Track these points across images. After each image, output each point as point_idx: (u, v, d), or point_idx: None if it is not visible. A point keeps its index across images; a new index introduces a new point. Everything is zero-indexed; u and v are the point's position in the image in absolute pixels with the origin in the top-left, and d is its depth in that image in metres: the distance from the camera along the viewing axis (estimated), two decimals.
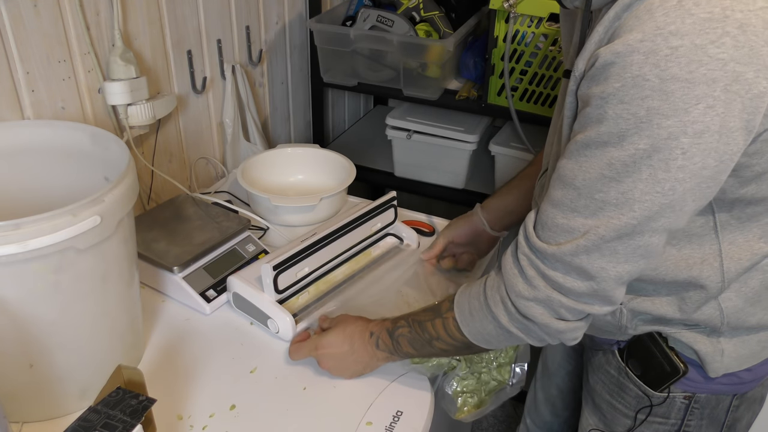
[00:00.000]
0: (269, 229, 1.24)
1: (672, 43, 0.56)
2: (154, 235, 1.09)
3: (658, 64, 0.56)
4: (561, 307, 0.71)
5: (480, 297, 0.79)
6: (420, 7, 1.52)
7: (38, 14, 0.97)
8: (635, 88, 0.58)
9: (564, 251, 0.68)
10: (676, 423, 0.87)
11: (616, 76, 0.59)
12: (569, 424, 1.24)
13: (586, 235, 0.66)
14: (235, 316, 1.04)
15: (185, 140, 1.36)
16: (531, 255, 0.72)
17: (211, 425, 0.85)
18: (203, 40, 1.33)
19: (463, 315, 0.81)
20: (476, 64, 1.53)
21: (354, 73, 1.57)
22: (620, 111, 0.59)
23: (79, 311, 0.78)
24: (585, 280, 0.68)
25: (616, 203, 0.63)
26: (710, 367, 0.80)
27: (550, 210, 0.69)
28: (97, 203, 0.72)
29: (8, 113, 0.98)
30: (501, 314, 0.76)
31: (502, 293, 0.75)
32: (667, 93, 0.57)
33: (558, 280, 0.69)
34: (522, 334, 0.76)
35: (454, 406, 0.92)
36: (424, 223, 1.30)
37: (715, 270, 0.74)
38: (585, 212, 0.66)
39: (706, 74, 0.56)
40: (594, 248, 0.66)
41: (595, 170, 0.63)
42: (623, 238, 0.65)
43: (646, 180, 0.61)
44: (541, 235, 0.71)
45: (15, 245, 0.67)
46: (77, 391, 0.83)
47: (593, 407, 0.97)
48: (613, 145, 0.61)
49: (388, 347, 0.89)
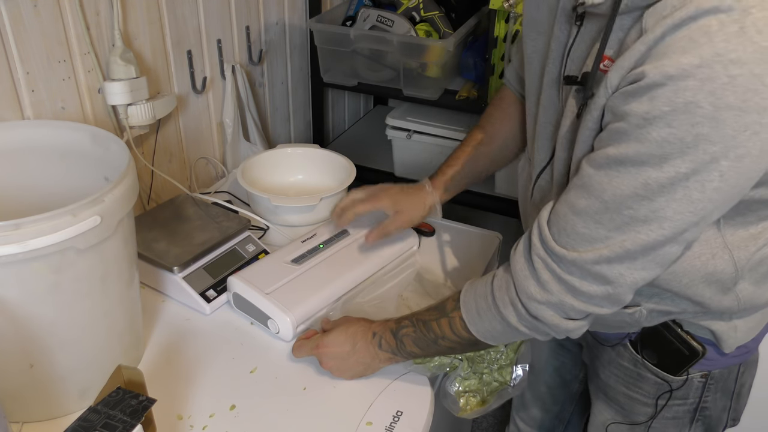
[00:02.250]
0: (269, 229, 1.24)
1: (731, 72, 0.54)
2: (154, 235, 1.09)
3: (714, 93, 0.55)
4: (571, 309, 0.72)
5: (488, 297, 0.79)
6: (420, 7, 1.52)
7: (38, 14, 0.97)
8: (686, 114, 0.56)
9: (585, 259, 0.68)
10: (694, 402, 0.89)
11: (665, 99, 0.57)
12: (560, 418, 1.26)
13: (610, 246, 0.66)
14: (235, 316, 1.04)
15: (185, 140, 1.36)
16: (547, 258, 0.71)
17: (211, 425, 0.85)
18: (203, 40, 1.33)
19: (471, 314, 0.81)
20: (476, 64, 1.53)
21: (354, 73, 1.57)
22: (666, 135, 0.58)
23: (79, 311, 0.78)
24: (601, 285, 0.69)
25: (645, 220, 0.63)
26: (725, 344, 0.83)
27: (571, 217, 0.69)
28: (97, 203, 0.72)
29: (8, 113, 0.98)
30: (510, 315, 0.76)
31: (511, 294, 0.75)
32: (719, 121, 0.56)
33: (573, 284, 0.70)
34: (530, 331, 0.77)
35: (456, 406, 0.92)
36: (424, 223, 1.30)
37: (727, 261, 0.75)
38: (609, 225, 0.66)
39: (759, 103, 0.55)
40: (616, 258, 0.66)
41: (628, 188, 0.62)
42: (648, 252, 0.65)
43: (679, 200, 0.61)
44: (558, 240, 0.70)
45: (15, 245, 0.66)
46: (77, 391, 0.83)
47: (607, 402, 0.98)
48: (652, 166, 0.60)
49: (391, 347, 0.89)
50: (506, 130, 1.05)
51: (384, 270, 1.13)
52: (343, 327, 0.92)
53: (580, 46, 0.73)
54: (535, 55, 0.84)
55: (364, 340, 0.90)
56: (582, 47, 0.73)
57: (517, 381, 0.94)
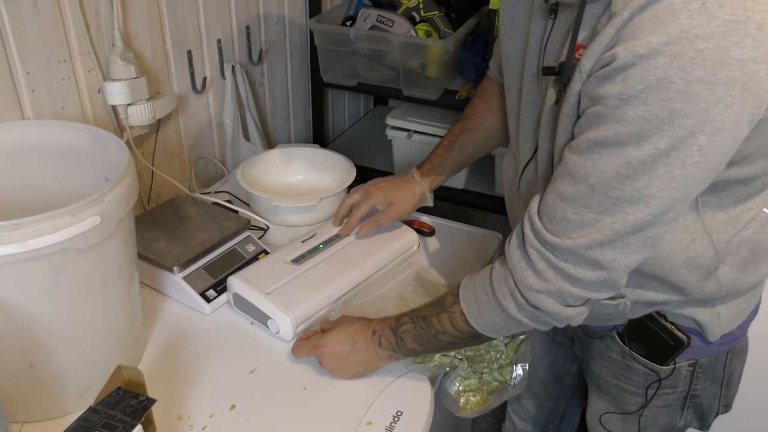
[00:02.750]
0: (269, 229, 1.24)
1: (698, 46, 0.56)
2: (154, 235, 1.09)
3: (683, 67, 0.56)
4: (570, 296, 0.73)
5: (487, 290, 0.79)
6: (420, 7, 1.52)
7: (38, 14, 0.97)
8: (659, 90, 0.58)
9: (578, 245, 0.69)
10: (683, 390, 0.91)
11: (637, 78, 0.59)
12: (555, 413, 1.28)
13: (600, 230, 0.67)
14: (235, 316, 1.04)
15: (185, 140, 1.36)
16: (541, 248, 0.72)
17: (211, 425, 0.85)
18: (203, 40, 1.33)
19: (470, 308, 0.81)
20: (476, 64, 1.53)
21: (354, 73, 1.57)
22: (642, 113, 0.59)
23: (79, 311, 0.78)
24: (596, 270, 0.70)
25: (631, 200, 0.64)
26: (710, 333, 0.84)
27: (560, 204, 0.70)
28: (97, 203, 0.72)
29: (8, 113, 0.98)
30: (510, 306, 0.77)
31: (510, 285, 0.76)
32: (691, 95, 0.57)
33: (569, 271, 0.70)
34: (531, 322, 0.77)
35: (456, 405, 0.92)
36: (424, 223, 1.30)
37: (707, 245, 0.76)
38: (598, 208, 0.67)
39: (728, 75, 0.56)
40: (608, 242, 0.67)
41: (611, 169, 0.64)
42: (637, 232, 0.66)
43: (662, 177, 0.62)
44: (550, 229, 0.71)
45: (15, 245, 0.66)
46: (77, 391, 0.83)
47: (599, 392, 1.00)
48: (632, 145, 0.62)
49: (391, 345, 0.89)
50: (490, 121, 1.07)
51: (384, 270, 1.13)
52: (343, 326, 0.93)
53: (555, 38, 0.75)
54: (512, 53, 0.85)
55: (363, 338, 0.90)
56: (557, 39, 0.74)
57: (517, 380, 0.94)
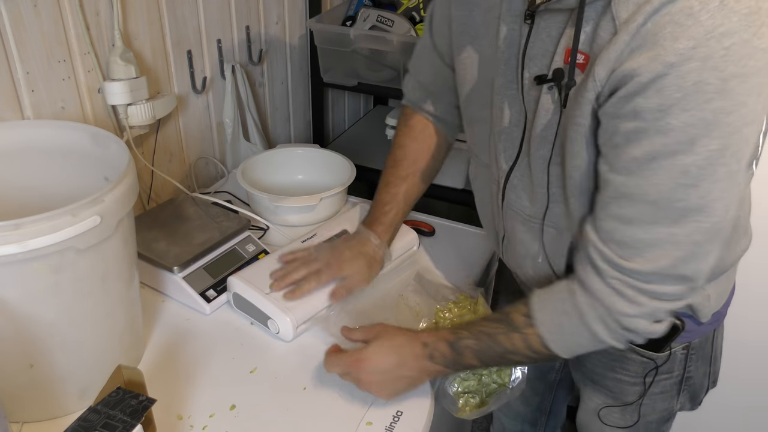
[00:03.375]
0: (269, 229, 1.24)
1: (725, 44, 0.57)
2: (154, 235, 1.09)
3: (716, 67, 0.57)
4: (662, 312, 0.73)
5: (571, 316, 0.76)
6: (420, 7, 1.52)
7: (38, 14, 0.97)
8: (697, 94, 0.58)
9: (662, 267, 0.68)
10: (679, 373, 0.93)
11: (674, 86, 0.59)
12: (542, 409, 1.27)
13: (679, 245, 0.67)
14: (235, 316, 1.04)
15: (185, 140, 1.36)
16: (622, 276, 0.71)
17: (211, 425, 0.85)
18: (203, 40, 1.33)
19: (552, 333, 0.78)
20: None
21: (354, 73, 1.57)
22: (686, 119, 0.60)
23: (78, 311, 0.78)
24: (684, 283, 0.70)
25: (699, 207, 0.64)
26: (701, 314, 0.86)
27: (624, 228, 0.69)
28: (97, 203, 0.72)
29: (8, 113, 0.98)
30: (601, 331, 0.75)
31: (599, 312, 0.74)
32: (728, 91, 0.58)
33: (657, 291, 0.70)
34: (616, 342, 0.76)
35: (455, 406, 0.92)
36: (424, 223, 1.30)
37: None
38: (666, 222, 0.66)
39: (755, 65, 0.58)
40: (691, 256, 0.67)
41: (669, 180, 0.63)
42: (713, 238, 0.67)
43: (724, 178, 0.63)
44: (623, 255, 0.70)
45: (15, 245, 0.66)
46: (77, 391, 0.83)
47: (595, 388, 0.99)
48: (684, 152, 0.61)
49: (445, 359, 0.83)
50: (423, 164, 1.06)
51: (384, 270, 1.13)
52: (385, 338, 0.86)
53: (536, 44, 0.72)
54: (469, 61, 0.82)
55: (412, 351, 0.84)
56: (539, 45, 0.72)
57: (516, 383, 0.94)
